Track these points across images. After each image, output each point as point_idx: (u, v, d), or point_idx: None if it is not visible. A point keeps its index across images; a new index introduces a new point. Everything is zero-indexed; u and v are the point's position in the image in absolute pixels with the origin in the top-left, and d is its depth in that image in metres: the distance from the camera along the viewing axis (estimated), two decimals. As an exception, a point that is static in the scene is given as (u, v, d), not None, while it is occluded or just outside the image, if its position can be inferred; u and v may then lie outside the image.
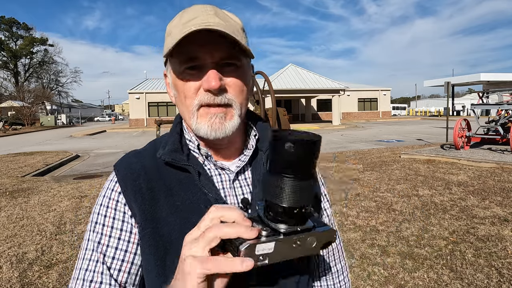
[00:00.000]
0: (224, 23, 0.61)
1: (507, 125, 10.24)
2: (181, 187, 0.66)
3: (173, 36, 0.62)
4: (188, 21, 0.61)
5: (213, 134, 0.64)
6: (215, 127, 0.63)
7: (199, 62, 0.62)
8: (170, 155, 0.67)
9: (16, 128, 32.53)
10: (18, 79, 57.54)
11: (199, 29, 0.58)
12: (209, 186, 0.66)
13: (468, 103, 44.85)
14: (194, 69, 0.63)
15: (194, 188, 0.66)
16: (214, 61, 0.62)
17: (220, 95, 0.63)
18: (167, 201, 0.65)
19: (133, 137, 21.80)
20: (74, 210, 5.25)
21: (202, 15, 0.61)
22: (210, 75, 0.61)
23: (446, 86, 12.21)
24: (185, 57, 0.62)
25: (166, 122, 6.22)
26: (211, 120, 0.64)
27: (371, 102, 41.40)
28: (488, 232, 3.99)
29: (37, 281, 3.14)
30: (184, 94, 0.65)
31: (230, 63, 0.63)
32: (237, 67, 0.64)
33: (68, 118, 47.93)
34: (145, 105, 34.72)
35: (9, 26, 56.90)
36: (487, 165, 7.81)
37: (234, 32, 0.61)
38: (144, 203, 0.65)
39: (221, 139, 0.65)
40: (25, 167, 9.57)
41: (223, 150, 0.71)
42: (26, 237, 4.18)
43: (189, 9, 0.65)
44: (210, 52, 0.61)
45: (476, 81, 13.43)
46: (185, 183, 0.66)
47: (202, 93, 0.63)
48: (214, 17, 0.61)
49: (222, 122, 0.64)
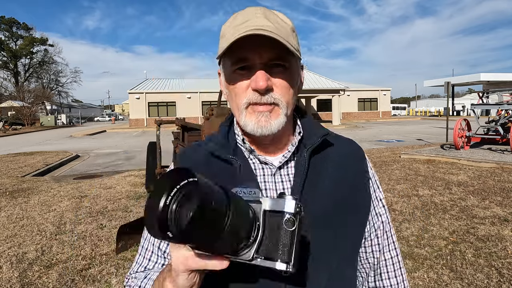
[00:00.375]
0: (274, 25, 0.65)
1: (507, 125, 10.24)
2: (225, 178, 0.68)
3: (226, 38, 0.66)
4: (240, 23, 0.65)
5: (259, 131, 0.68)
6: (261, 125, 0.67)
7: (249, 62, 0.66)
8: (217, 149, 0.74)
9: (16, 128, 32.53)
10: (18, 79, 57.55)
11: (249, 34, 0.61)
12: (249, 179, 0.71)
13: (468, 103, 44.83)
14: (244, 69, 0.67)
15: (236, 180, 0.69)
16: (262, 62, 0.66)
17: (267, 94, 0.66)
18: None
19: (133, 137, 21.80)
20: (74, 210, 5.25)
21: (253, 18, 0.65)
22: (258, 75, 0.65)
23: (446, 86, 12.20)
24: (236, 59, 0.67)
25: (166, 122, 6.22)
26: (258, 118, 0.68)
27: (371, 102, 41.40)
28: (488, 232, 3.99)
29: (37, 281, 3.14)
30: (234, 93, 0.69)
31: (278, 64, 0.67)
32: (285, 68, 0.67)
33: (68, 118, 47.94)
34: (145, 105, 34.71)
35: (9, 26, 56.91)
36: (487, 165, 7.81)
37: (283, 35, 0.64)
38: None
39: (266, 135, 0.69)
40: (25, 167, 9.57)
41: (268, 145, 0.75)
42: (26, 237, 4.18)
43: (242, 12, 0.69)
44: (259, 53, 0.65)
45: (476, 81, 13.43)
46: (228, 174, 0.71)
47: (251, 92, 0.67)
48: (264, 20, 0.65)
49: (268, 120, 0.67)
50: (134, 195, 6.02)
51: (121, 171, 8.83)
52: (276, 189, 0.73)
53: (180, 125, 5.53)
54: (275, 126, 0.68)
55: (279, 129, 0.69)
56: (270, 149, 0.76)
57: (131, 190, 6.44)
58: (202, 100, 35.61)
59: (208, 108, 3.93)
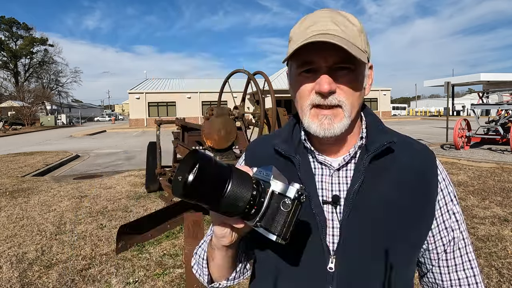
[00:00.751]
0: (340, 29, 0.66)
1: (507, 125, 10.24)
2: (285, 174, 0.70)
3: (293, 42, 0.70)
4: (306, 28, 0.68)
5: (322, 133, 0.69)
6: (324, 127, 0.69)
7: (314, 65, 0.68)
8: (280, 145, 0.78)
9: (16, 128, 32.53)
10: (18, 79, 57.55)
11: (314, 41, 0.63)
12: (307, 177, 0.74)
13: (468, 103, 44.83)
14: (309, 72, 0.69)
15: (294, 177, 0.73)
16: (327, 65, 0.67)
17: (330, 96, 0.67)
18: None
19: (133, 137, 21.80)
20: (74, 210, 5.25)
21: (320, 21, 0.68)
22: (322, 79, 0.66)
23: (446, 86, 12.21)
24: (301, 62, 0.69)
25: (166, 122, 6.22)
26: (321, 121, 0.69)
27: (371, 102, 41.40)
28: (488, 232, 3.99)
29: (37, 281, 3.14)
30: (300, 95, 0.71)
31: (344, 67, 0.67)
32: (351, 70, 0.68)
33: (68, 118, 47.93)
34: (145, 105, 34.71)
35: (9, 26, 56.91)
36: (487, 165, 7.81)
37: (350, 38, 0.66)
38: None
39: (329, 137, 0.70)
40: (25, 167, 9.57)
41: (331, 146, 0.76)
42: (26, 237, 4.18)
43: (310, 15, 0.71)
44: (324, 57, 0.66)
45: (476, 81, 13.44)
46: (288, 171, 0.73)
47: (314, 95, 0.68)
48: (331, 24, 0.67)
49: (331, 123, 0.69)
50: (134, 195, 6.02)
51: (121, 171, 8.83)
52: (332, 190, 0.74)
53: (180, 125, 5.53)
54: (338, 128, 0.69)
55: (342, 131, 0.70)
56: (332, 150, 0.76)
57: (131, 190, 6.44)
58: (202, 100, 35.62)
59: (208, 108, 3.94)
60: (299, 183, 0.59)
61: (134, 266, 3.36)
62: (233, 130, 3.78)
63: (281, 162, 0.77)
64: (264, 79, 4.07)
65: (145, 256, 3.57)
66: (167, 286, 3.00)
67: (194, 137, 5.63)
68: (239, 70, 4.49)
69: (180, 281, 3.06)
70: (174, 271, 3.25)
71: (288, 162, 0.76)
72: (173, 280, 3.09)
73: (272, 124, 3.89)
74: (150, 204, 5.46)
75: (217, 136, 3.70)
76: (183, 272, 3.16)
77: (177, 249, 3.73)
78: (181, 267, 3.29)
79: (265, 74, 4.17)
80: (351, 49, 0.63)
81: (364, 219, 0.70)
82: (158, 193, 6.01)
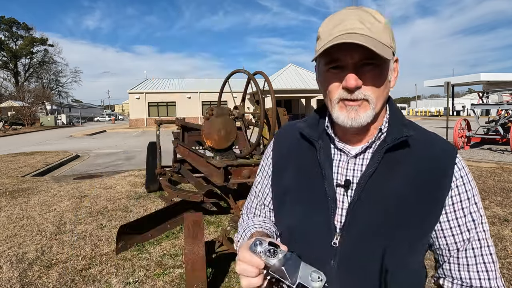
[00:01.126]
0: (366, 27, 0.71)
1: (507, 125, 10.24)
2: (307, 156, 0.84)
3: (321, 41, 0.74)
4: (334, 26, 0.72)
5: (349, 123, 0.75)
6: (351, 117, 0.74)
7: (341, 63, 0.73)
8: (305, 129, 0.86)
9: (16, 128, 32.52)
10: (18, 79, 57.53)
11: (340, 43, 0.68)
12: (325, 162, 0.81)
13: (468, 103, 44.81)
14: (337, 68, 0.74)
15: (314, 160, 0.83)
16: (353, 62, 0.72)
17: (357, 91, 0.73)
18: (294, 162, 0.87)
19: (133, 137, 21.80)
20: (74, 210, 5.25)
21: (347, 20, 0.72)
22: (349, 76, 0.71)
23: (446, 86, 12.20)
24: (329, 59, 0.73)
25: (166, 122, 6.21)
26: (348, 112, 0.74)
27: (371, 102, 41.37)
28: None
29: (37, 281, 3.14)
30: (328, 89, 0.77)
31: (369, 63, 0.71)
32: (376, 65, 0.72)
33: (68, 118, 47.91)
34: (145, 105, 34.71)
35: (9, 26, 56.89)
36: (487, 165, 7.81)
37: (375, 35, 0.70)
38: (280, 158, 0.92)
39: (356, 127, 0.75)
40: (25, 167, 9.57)
41: (353, 136, 0.82)
42: (26, 237, 4.18)
43: (337, 14, 0.75)
44: (351, 54, 0.71)
45: (476, 81, 13.44)
46: (310, 154, 0.84)
47: (342, 90, 0.74)
48: (357, 23, 0.71)
49: (357, 114, 0.74)
50: (134, 195, 6.02)
51: (121, 171, 8.83)
52: (346, 175, 0.80)
53: (180, 125, 5.52)
54: (364, 119, 0.74)
55: (368, 121, 0.75)
56: (354, 139, 0.82)
57: (131, 190, 6.44)
58: (202, 100, 35.62)
59: (208, 108, 3.93)
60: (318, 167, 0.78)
61: (134, 266, 3.36)
62: (233, 130, 3.77)
63: (304, 145, 0.86)
64: (264, 79, 4.06)
65: (145, 256, 3.57)
66: (167, 286, 3.00)
67: (194, 137, 5.63)
68: (239, 70, 4.48)
69: (180, 281, 3.06)
70: (174, 271, 3.25)
71: (311, 146, 0.84)
72: (173, 280, 3.09)
73: (272, 124, 3.89)
74: (150, 204, 5.47)
75: (217, 136, 3.69)
76: (183, 272, 3.16)
77: (177, 249, 3.73)
78: (181, 267, 3.29)
79: (265, 74, 4.17)
80: (376, 47, 0.67)
81: (370, 205, 0.75)
82: (158, 193, 6.01)
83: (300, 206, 0.82)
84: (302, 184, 0.83)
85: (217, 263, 3.23)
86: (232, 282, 3.05)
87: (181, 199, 4.37)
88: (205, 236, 3.03)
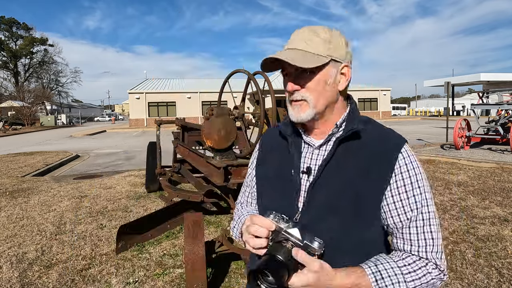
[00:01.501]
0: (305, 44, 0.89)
1: (507, 125, 10.24)
2: (284, 150, 1.01)
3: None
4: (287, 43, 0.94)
5: (294, 119, 0.94)
6: (295, 114, 0.93)
7: (286, 71, 0.92)
8: (282, 127, 1.03)
9: (16, 128, 32.52)
10: (18, 79, 57.51)
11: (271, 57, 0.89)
12: (295, 151, 0.98)
13: (468, 103, 44.79)
14: (286, 76, 0.93)
15: (286, 152, 1.00)
16: (292, 70, 0.90)
17: (296, 93, 0.91)
18: (273, 156, 1.05)
19: (133, 137, 21.80)
20: (74, 210, 5.25)
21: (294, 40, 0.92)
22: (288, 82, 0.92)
23: (446, 86, 12.20)
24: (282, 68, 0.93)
25: (166, 122, 6.21)
26: (294, 110, 0.93)
27: (371, 102, 41.38)
28: (488, 232, 3.99)
29: (37, 281, 3.14)
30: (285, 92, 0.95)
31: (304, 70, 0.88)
32: (312, 72, 0.88)
33: (68, 118, 47.90)
34: (145, 105, 34.71)
35: (9, 26, 56.86)
36: (487, 165, 7.81)
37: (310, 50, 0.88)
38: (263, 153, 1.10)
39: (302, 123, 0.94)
40: (25, 167, 9.57)
41: (313, 130, 0.98)
42: (26, 237, 4.18)
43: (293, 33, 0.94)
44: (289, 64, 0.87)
45: (476, 81, 13.43)
46: (284, 147, 1.02)
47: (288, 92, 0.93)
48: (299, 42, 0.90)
49: (299, 111, 0.92)
50: (134, 195, 6.02)
51: (121, 171, 8.83)
52: (310, 164, 0.96)
53: (180, 125, 5.53)
54: (305, 115, 0.91)
55: (309, 118, 0.92)
56: (316, 133, 0.98)
57: (131, 190, 6.44)
58: (202, 100, 35.62)
59: (208, 108, 3.93)
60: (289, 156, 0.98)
61: (134, 266, 3.36)
62: (233, 130, 3.77)
63: (282, 141, 1.03)
64: (264, 79, 4.06)
65: (145, 256, 3.57)
66: (167, 286, 3.00)
67: (194, 137, 5.63)
68: (239, 70, 4.48)
69: (180, 281, 3.06)
70: (174, 271, 3.25)
71: (285, 142, 1.02)
72: (173, 280, 3.09)
73: (272, 124, 3.89)
74: (150, 204, 5.47)
75: (217, 136, 3.70)
76: (183, 272, 3.16)
77: (177, 249, 3.73)
78: (181, 267, 3.29)
79: (265, 74, 4.17)
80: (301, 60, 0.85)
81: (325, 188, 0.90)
82: (158, 193, 6.01)
83: (273, 190, 1.00)
84: (277, 172, 1.00)
85: (217, 263, 3.23)
86: (232, 282, 3.05)
87: (181, 199, 4.37)
88: (205, 236, 3.03)
